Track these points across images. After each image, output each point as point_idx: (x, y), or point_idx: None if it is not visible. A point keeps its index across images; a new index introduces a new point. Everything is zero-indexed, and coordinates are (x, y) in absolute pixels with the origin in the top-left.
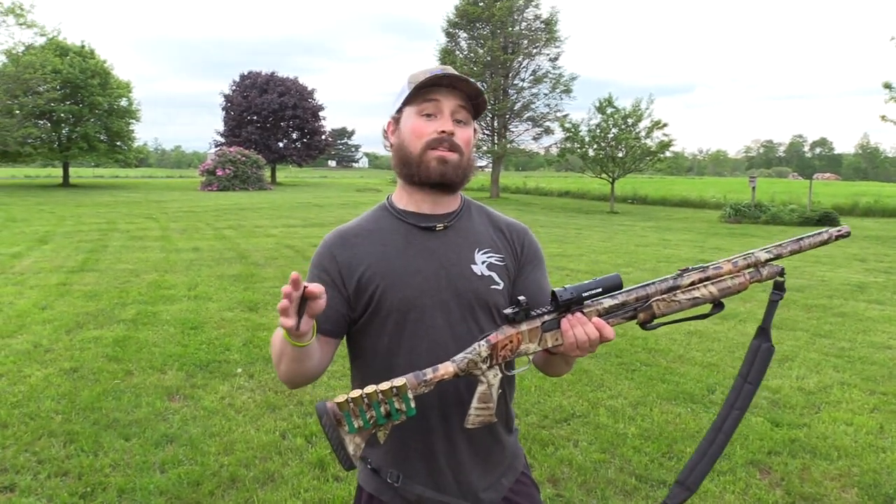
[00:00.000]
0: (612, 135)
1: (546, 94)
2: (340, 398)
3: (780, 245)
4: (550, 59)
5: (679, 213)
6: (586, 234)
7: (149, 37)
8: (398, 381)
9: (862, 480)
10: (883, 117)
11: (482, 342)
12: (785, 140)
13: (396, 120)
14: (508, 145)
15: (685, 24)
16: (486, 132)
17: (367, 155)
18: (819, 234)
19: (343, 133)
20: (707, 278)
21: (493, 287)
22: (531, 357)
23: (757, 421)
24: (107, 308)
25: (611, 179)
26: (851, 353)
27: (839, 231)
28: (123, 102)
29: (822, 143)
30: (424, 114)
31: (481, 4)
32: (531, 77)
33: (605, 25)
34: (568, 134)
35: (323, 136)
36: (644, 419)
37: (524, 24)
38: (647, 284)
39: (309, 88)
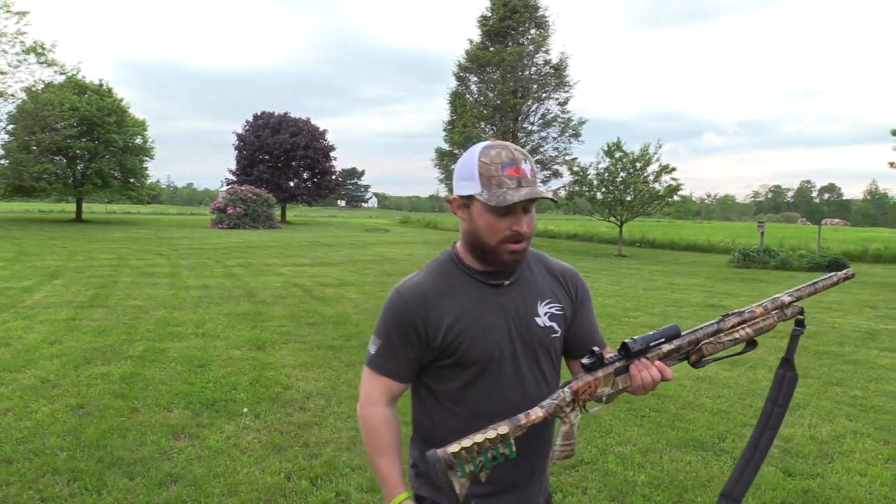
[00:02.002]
0: (620, 178)
1: (555, 138)
2: (454, 447)
3: (799, 289)
4: (559, 104)
5: (687, 257)
6: (594, 277)
7: (163, 74)
8: (502, 430)
9: None
10: (891, 164)
11: (566, 389)
12: (793, 185)
13: (466, 204)
14: None
15: (694, 70)
16: None
17: (376, 195)
18: (829, 277)
19: (353, 173)
20: (744, 321)
21: (553, 336)
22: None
23: (769, 470)
24: (115, 344)
25: (619, 223)
26: (864, 402)
27: (845, 274)
28: (138, 140)
29: (831, 188)
30: (499, 213)
31: (492, 49)
32: (540, 121)
33: (615, 71)
34: (576, 177)
35: (333, 176)
36: (653, 467)
37: (534, 68)
38: (697, 330)
39: (321, 129)
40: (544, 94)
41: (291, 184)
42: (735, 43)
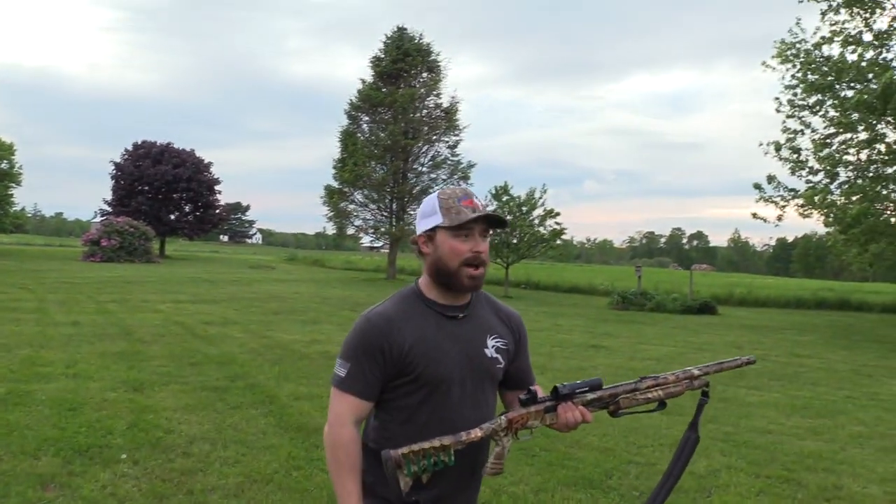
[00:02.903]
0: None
1: (444, 180)
2: (404, 449)
3: (707, 366)
4: (449, 146)
5: (570, 298)
6: None
7: (32, 96)
8: (445, 441)
9: None
10: (754, 215)
11: (503, 417)
12: (665, 232)
13: (430, 237)
14: (406, 227)
15: (577, 122)
16: (384, 214)
17: (261, 231)
18: (735, 360)
19: (237, 207)
20: (658, 384)
21: (497, 366)
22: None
23: None
24: None
25: (505, 265)
26: (736, 438)
27: (747, 359)
28: (4, 165)
29: (699, 236)
30: (460, 237)
31: (384, 90)
32: (430, 162)
33: (500, 119)
34: None
35: (217, 210)
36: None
37: (425, 111)
38: (617, 386)
39: (205, 161)
40: (435, 137)
41: (172, 217)
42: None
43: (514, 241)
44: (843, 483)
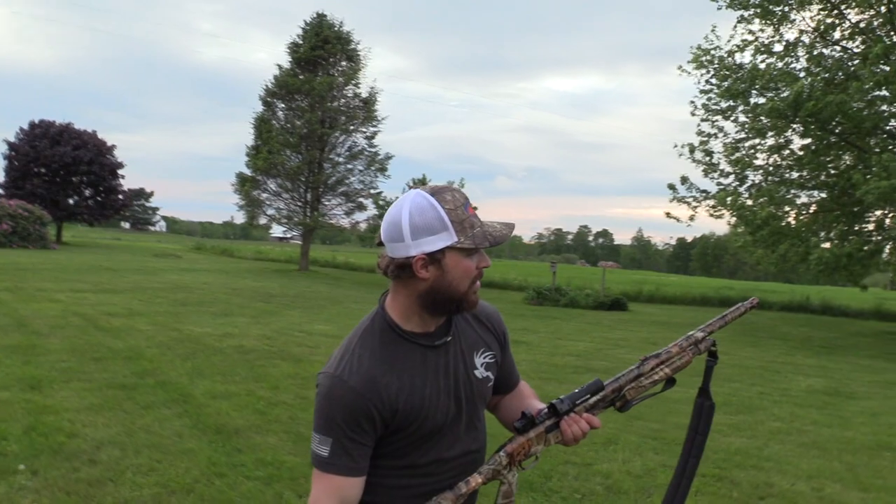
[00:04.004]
0: None
1: (361, 171)
2: None
3: (710, 323)
4: (367, 137)
5: (485, 293)
6: None
7: None
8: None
9: None
10: (668, 214)
11: (501, 453)
12: (573, 229)
13: (436, 259)
14: (320, 218)
15: (490, 119)
16: (299, 204)
17: (165, 218)
18: (737, 308)
19: (140, 194)
20: (662, 362)
21: (489, 385)
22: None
23: None
24: None
25: None
26: (664, 435)
27: (751, 303)
28: None
29: (605, 234)
30: (472, 254)
31: (301, 77)
32: (347, 153)
33: (414, 112)
34: (382, 211)
35: (120, 196)
36: None
37: (343, 100)
38: (619, 378)
39: (108, 144)
40: (352, 127)
41: (71, 201)
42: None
43: None
44: (772, 481)
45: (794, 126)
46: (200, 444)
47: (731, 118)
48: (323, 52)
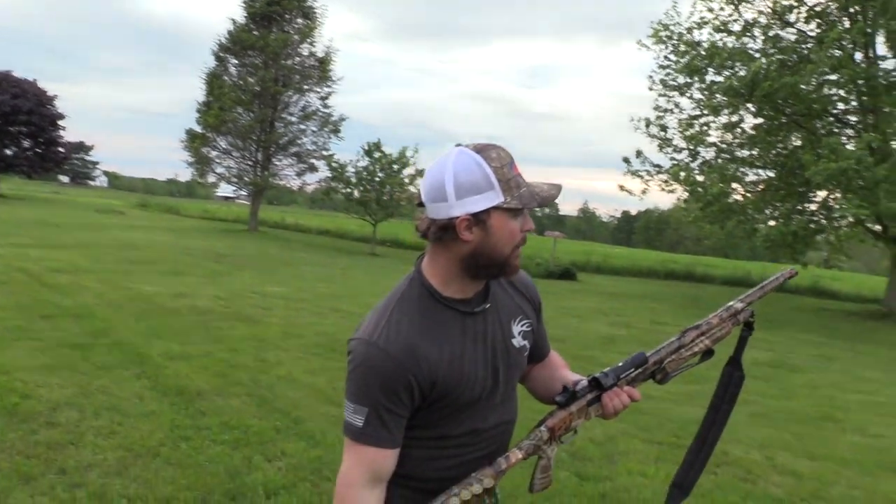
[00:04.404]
0: (378, 178)
1: (314, 132)
2: None
3: (749, 294)
4: (321, 98)
5: None
6: (352, 275)
7: None
8: (487, 483)
9: None
10: (621, 187)
11: (543, 428)
12: None
13: (481, 220)
14: (271, 179)
15: (441, 84)
16: (249, 163)
17: (106, 173)
18: (776, 278)
19: (81, 147)
20: (702, 333)
21: (525, 354)
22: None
23: (565, 475)
24: None
25: (373, 222)
26: None
27: (789, 273)
28: None
29: (551, 204)
30: (518, 216)
31: (255, 33)
32: (301, 113)
33: (367, 75)
34: (334, 173)
35: (60, 148)
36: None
37: (298, 58)
38: (660, 349)
39: (49, 94)
40: (306, 87)
41: (9, 152)
42: (478, 64)
43: (385, 198)
44: (728, 449)
45: (749, 105)
46: (162, 407)
47: (688, 94)
48: (279, 8)
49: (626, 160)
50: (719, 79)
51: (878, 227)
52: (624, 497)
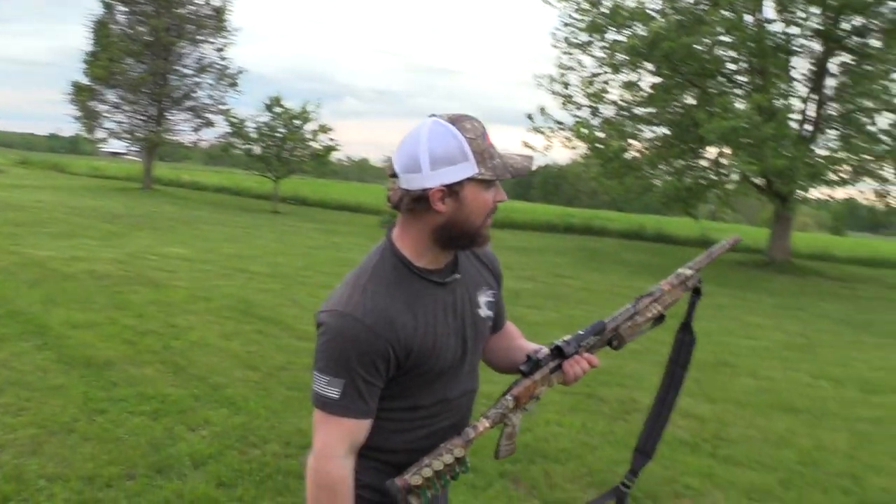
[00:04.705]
0: (279, 134)
1: (210, 85)
2: (416, 479)
3: (697, 261)
4: (217, 49)
5: (339, 216)
6: (256, 234)
7: None
8: (458, 452)
9: (594, 480)
10: (525, 143)
11: (508, 397)
12: None
13: (454, 192)
14: (164, 134)
15: (337, 34)
16: (142, 118)
17: None
18: (721, 245)
19: None
20: (655, 300)
21: (489, 325)
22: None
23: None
24: None
25: (275, 178)
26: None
27: (734, 240)
28: None
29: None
30: (490, 187)
31: None
32: (196, 65)
33: (271, 24)
34: (234, 128)
35: None
36: None
37: (192, 7)
38: (616, 317)
39: None
40: (201, 37)
41: None
42: (376, 13)
43: (287, 154)
44: (635, 396)
45: (647, 65)
46: (71, 379)
47: (589, 53)
48: None
49: (530, 116)
50: (620, 38)
51: (762, 182)
52: (546, 448)
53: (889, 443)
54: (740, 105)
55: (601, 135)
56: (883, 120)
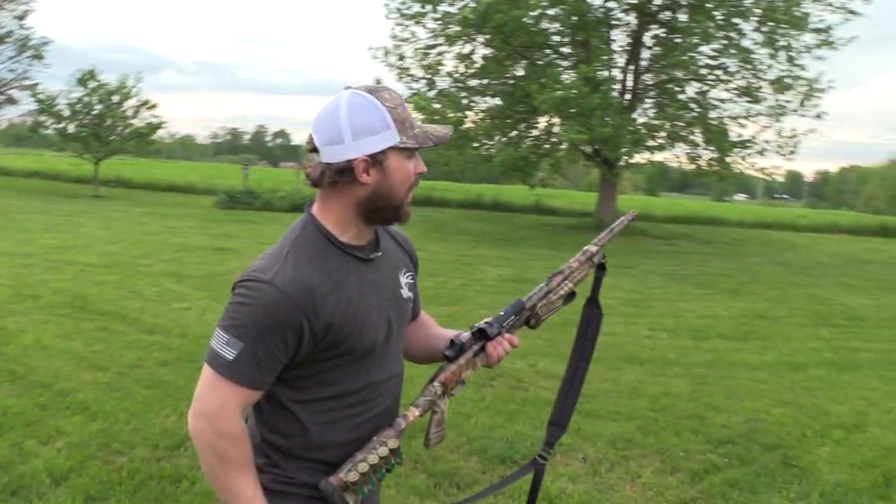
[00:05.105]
0: (96, 111)
1: (11, 58)
2: (352, 475)
3: (600, 238)
4: (16, 17)
5: (169, 198)
6: (79, 222)
7: None
8: (392, 444)
9: (474, 448)
10: None
11: (436, 384)
12: (249, 129)
13: (378, 161)
14: None
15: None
16: None
17: None
18: (620, 221)
19: None
20: (566, 277)
21: (410, 306)
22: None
23: None
24: None
25: (95, 160)
26: None
27: (632, 216)
28: None
29: (283, 134)
30: (412, 157)
31: None
32: None
33: None
34: (43, 106)
35: None
36: None
37: None
38: (532, 296)
39: None
40: None
41: None
42: None
43: (106, 133)
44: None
45: (481, 37)
46: None
47: (423, 24)
48: None
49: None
50: (452, 10)
51: (589, 150)
52: (421, 421)
53: (722, 383)
54: (567, 76)
55: (437, 106)
56: (691, 89)
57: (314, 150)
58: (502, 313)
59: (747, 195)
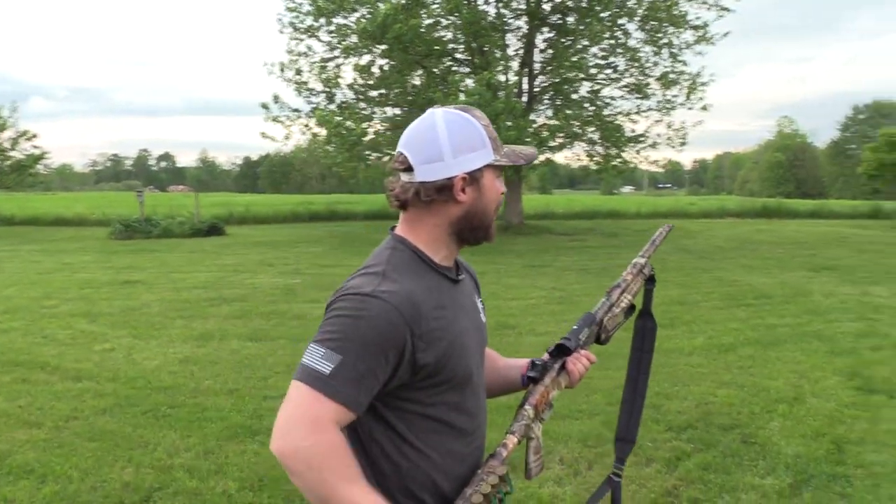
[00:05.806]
0: None
1: None
2: None
3: (646, 249)
4: None
5: (59, 232)
6: None
7: None
8: (500, 470)
9: None
10: (263, 134)
11: (527, 407)
12: (131, 154)
13: (475, 179)
14: None
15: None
16: None
17: None
18: (660, 232)
19: None
20: (623, 290)
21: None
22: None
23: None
24: None
25: None
26: None
27: (670, 227)
28: None
29: (167, 157)
30: (500, 176)
31: None
32: None
33: None
34: None
35: None
36: (230, 464)
37: None
38: (597, 310)
39: None
40: None
41: None
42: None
43: None
44: None
45: (380, 47)
46: None
47: (315, 37)
48: None
49: (265, 105)
50: (347, 22)
51: None
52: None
53: (664, 370)
54: (466, 84)
55: (339, 118)
56: (583, 88)
57: (407, 169)
58: (575, 327)
59: (634, 187)
